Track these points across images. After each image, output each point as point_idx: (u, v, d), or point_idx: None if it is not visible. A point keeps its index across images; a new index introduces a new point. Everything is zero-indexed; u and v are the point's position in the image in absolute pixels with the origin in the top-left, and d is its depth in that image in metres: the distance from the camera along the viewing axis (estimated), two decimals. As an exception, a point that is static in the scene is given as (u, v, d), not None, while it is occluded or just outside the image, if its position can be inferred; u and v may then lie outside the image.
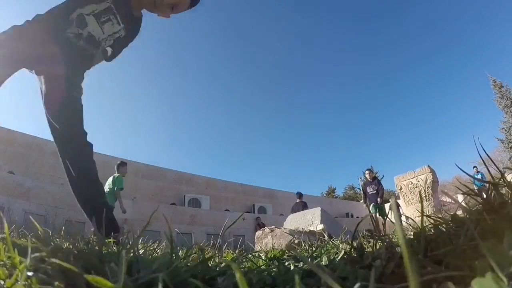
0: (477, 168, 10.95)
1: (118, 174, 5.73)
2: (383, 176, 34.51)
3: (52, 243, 0.55)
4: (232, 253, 1.24)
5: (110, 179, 5.68)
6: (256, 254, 0.93)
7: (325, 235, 2.26)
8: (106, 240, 0.69)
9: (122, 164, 5.91)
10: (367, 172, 8.48)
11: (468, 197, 0.63)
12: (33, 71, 1.48)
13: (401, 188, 9.24)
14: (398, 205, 9.32)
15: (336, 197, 31.04)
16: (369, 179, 8.22)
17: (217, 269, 0.57)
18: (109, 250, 0.59)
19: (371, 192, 8.02)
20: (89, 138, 1.51)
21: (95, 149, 1.52)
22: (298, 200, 8.99)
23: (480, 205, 0.54)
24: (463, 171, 0.72)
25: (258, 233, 3.74)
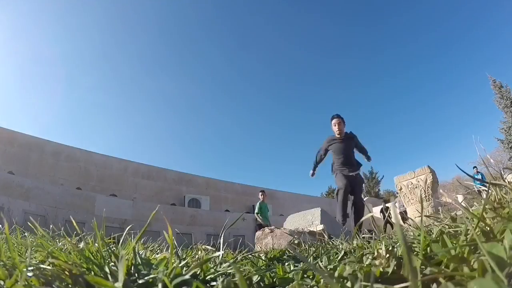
0: (477, 169, 10.92)
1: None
2: (383, 176, 34.62)
3: (52, 244, 0.55)
4: (232, 254, 1.24)
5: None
6: (256, 254, 0.93)
7: (325, 236, 2.25)
8: (106, 240, 0.68)
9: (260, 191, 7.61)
10: None
11: (468, 197, 0.63)
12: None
13: (401, 189, 9.23)
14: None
15: (336, 198, 30.93)
16: None
17: (217, 269, 0.57)
18: (109, 250, 0.59)
19: None
20: (89, 138, 1.53)
21: (94, 149, 1.53)
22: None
23: (480, 205, 0.54)
24: (463, 171, 0.72)
25: (258, 233, 3.74)
